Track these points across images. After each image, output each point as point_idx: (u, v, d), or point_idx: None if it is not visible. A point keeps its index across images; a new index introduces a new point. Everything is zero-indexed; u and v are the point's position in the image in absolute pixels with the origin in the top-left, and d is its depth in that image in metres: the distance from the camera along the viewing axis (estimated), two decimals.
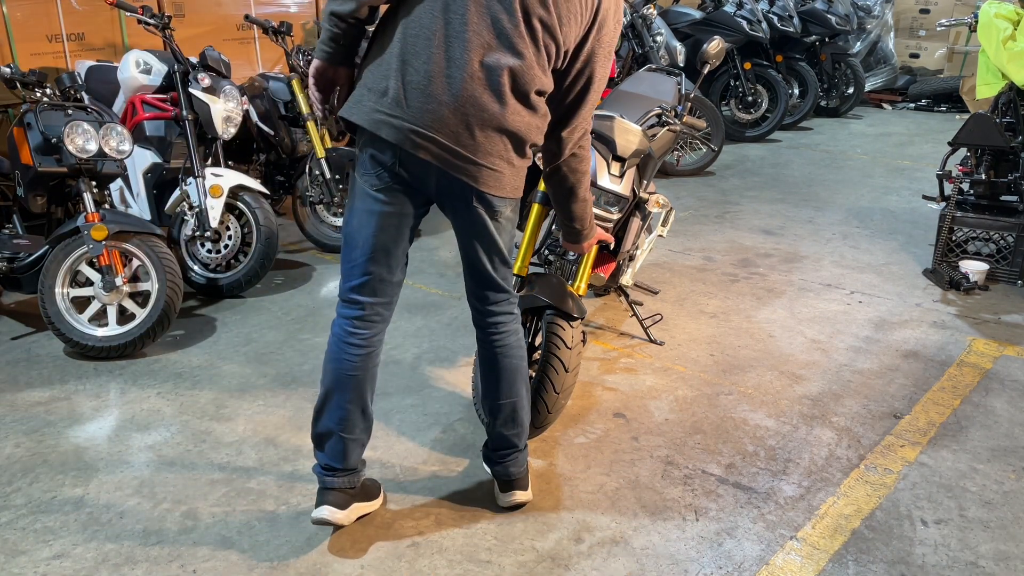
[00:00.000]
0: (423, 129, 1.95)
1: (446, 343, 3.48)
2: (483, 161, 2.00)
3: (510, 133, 2.00)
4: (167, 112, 4.02)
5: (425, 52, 1.93)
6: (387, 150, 2.01)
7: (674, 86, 3.61)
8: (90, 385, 3.14)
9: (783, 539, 2.30)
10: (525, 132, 2.02)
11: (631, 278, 3.42)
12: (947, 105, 8.86)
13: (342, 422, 2.20)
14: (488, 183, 2.04)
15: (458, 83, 1.93)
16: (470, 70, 1.92)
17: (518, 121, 2.00)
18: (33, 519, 2.37)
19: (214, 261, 3.95)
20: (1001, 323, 3.67)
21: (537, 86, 1.99)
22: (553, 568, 2.18)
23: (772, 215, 5.27)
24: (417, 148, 1.97)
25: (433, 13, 1.93)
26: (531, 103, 2.01)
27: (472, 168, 2.00)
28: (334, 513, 2.24)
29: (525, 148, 2.06)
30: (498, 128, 1.99)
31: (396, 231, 2.12)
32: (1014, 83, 4.20)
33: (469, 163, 2.00)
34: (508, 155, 2.04)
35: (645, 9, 6.61)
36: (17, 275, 3.46)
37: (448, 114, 1.94)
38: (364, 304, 2.16)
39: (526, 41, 1.94)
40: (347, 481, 2.26)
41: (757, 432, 2.82)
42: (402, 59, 1.95)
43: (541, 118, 2.06)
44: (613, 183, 2.83)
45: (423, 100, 1.94)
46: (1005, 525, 2.36)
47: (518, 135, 2.02)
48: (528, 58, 1.95)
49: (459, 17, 1.91)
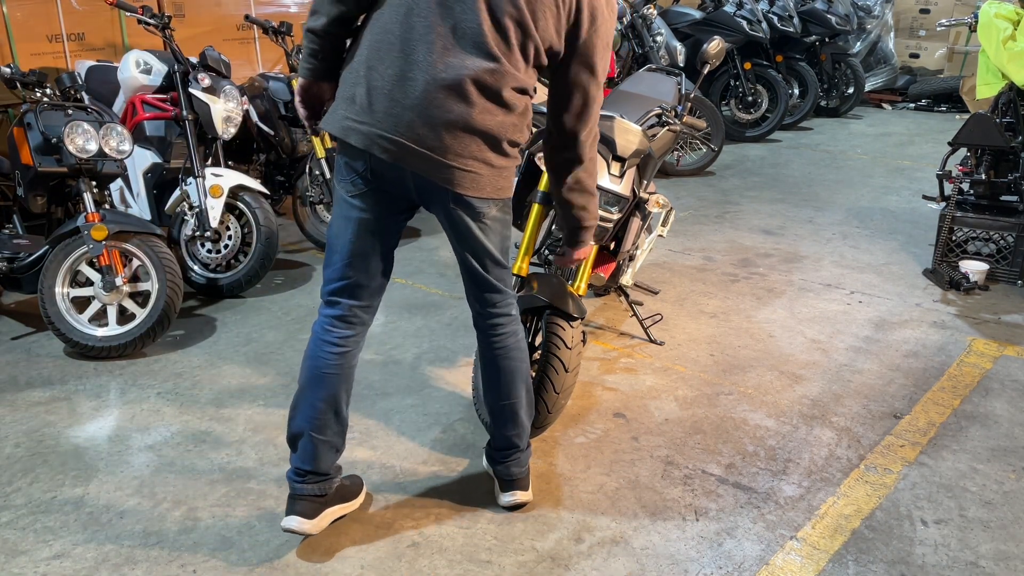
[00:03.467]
0: (389, 134, 1.96)
1: (446, 343, 3.48)
2: (455, 163, 1.99)
3: (481, 133, 1.98)
4: (167, 112, 4.02)
5: (388, 57, 1.94)
6: (358, 157, 2.03)
7: (674, 86, 3.61)
8: (90, 385, 3.14)
9: (783, 539, 2.30)
10: (499, 131, 2.00)
11: (631, 278, 3.42)
12: (947, 105, 8.86)
13: (313, 421, 2.20)
14: (464, 185, 2.02)
15: (420, 85, 1.93)
16: (433, 72, 1.92)
17: (489, 120, 1.98)
18: (33, 519, 2.37)
19: (214, 261, 3.94)
20: (1001, 323, 3.67)
21: (512, 84, 1.98)
22: (553, 568, 2.18)
23: (772, 215, 5.27)
24: (386, 152, 1.97)
25: (397, 18, 1.94)
26: (505, 101, 1.99)
27: (444, 171, 1.99)
28: (302, 523, 2.22)
29: (502, 147, 2.03)
30: (466, 128, 1.96)
31: (374, 237, 2.13)
32: (1014, 83, 4.20)
33: (440, 166, 1.98)
34: (484, 155, 2.01)
35: (645, 9, 6.61)
36: (17, 275, 3.46)
37: (413, 117, 1.94)
38: (342, 305, 2.18)
39: (496, 40, 1.93)
40: (317, 488, 2.24)
41: (757, 432, 2.82)
42: (368, 65, 1.97)
43: (519, 116, 2.04)
44: (613, 183, 2.83)
45: (388, 104, 1.95)
46: (1005, 525, 2.36)
47: (491, 134, 1.99)
48: (499, 57, 1.94)
49: (422, 20, 1.92)
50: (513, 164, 2.11)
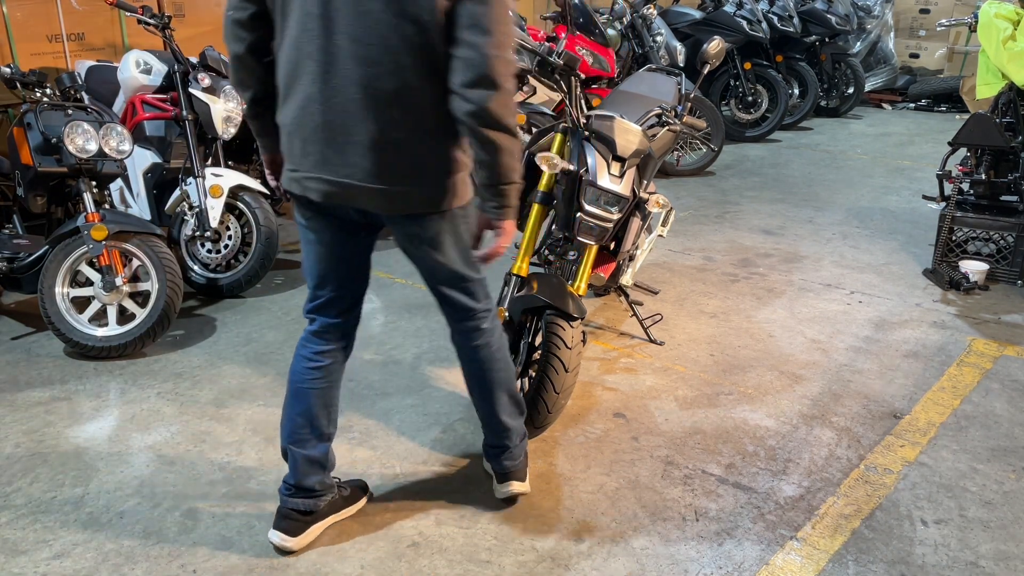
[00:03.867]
0: (310, 172, 1.95)
1: (446, 343, 3.48)
2: (376, 184, 1.91)
3: (391, 145, 1.88)
4: (167, 112, 4.02)
5: (289, 95, 1.93)
6: (299, 197, 2.04)
7: (674, 86, 3.61)
8: (90, 385, 3.14)
9: (783, 539, 2.30)
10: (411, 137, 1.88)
11: (631, 278, 3.42)
12: (947, 105, 8.86)
13: (292, 435, 2.20)
14: (395, 205, 1.94)
15: (318, 116, 1.89)
16: (323, 99, 1.87)
17: (396, 132, 1.87)
18: (33, 519, 2.37)
19: (214, 261, 3.94)
20: (1001, 323, 3.67)
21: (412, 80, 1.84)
22: (553, 568, 2.18)
23: (772, 215, 5.27)
24: (317, 193, 1.96)
25: (288, 54, 1.90)
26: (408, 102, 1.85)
27: (368, 195, 1.93)
28: (284, 540, 2.21)
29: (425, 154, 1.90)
30: (373, 146, 1.88)
31: (338, 259, 2.12)
32: (1014, 83, 4.20)
33: (362, 192, 1.92)
34: (406, 170, 1.91)
35: (645, 9, 6.61)
36: (17, 275, 3.46)
37: (322, 149, 1.91)
38: (318, 321, 2.20)
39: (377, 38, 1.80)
40: (303, 503, 2.22)
41: (757, 432, 2.82)
42: (280, 111, 1.98)
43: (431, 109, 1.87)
44: (613, 183, 2.83)
45: (301, 144, 1.94)
46: (1005, 525, 2.36)
47: (404, 144, 1.88)
48: (383, 62, 1.82)
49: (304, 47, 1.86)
50: (449, 169, 1.95)
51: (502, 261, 4.31)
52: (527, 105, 5.22)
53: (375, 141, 1.88)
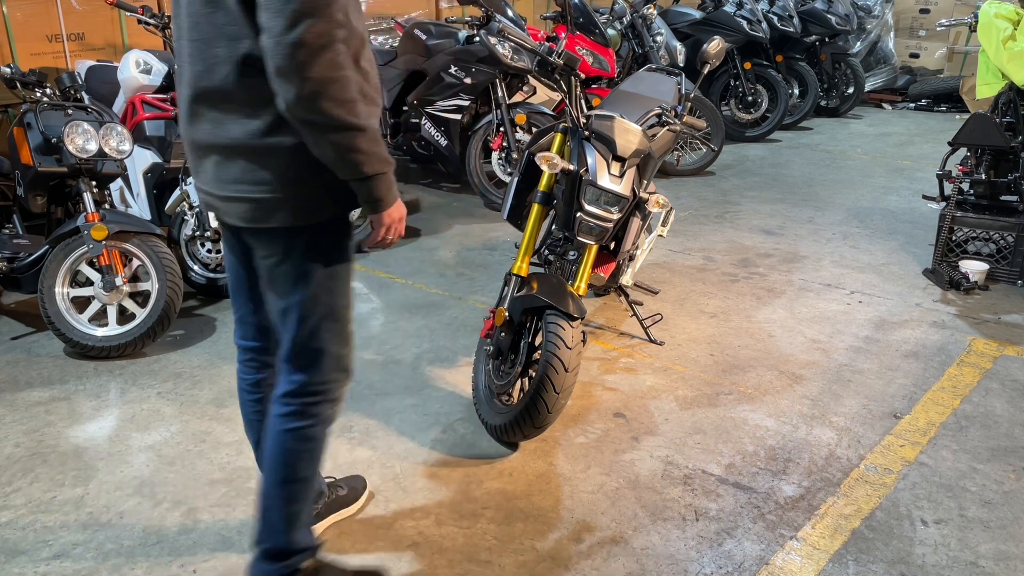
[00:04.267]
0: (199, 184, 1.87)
1: (446, 343, 3.48)
2: (219, 191, 1.78)
3: (227, 149, 1.73)
4: (167, 112, 4.02)
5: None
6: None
7: (674, 86, 3.60)
8: (90, 385, 3.14)
9: (783, 539, 2.30)
10: (246, 138, 1.70)
11: (631, 278, 3.42)
12: (947, 105, 8.85)
13: (258, 461, 2.10)
14: (245, 215, 1.75)
15: (185, 123, 1.82)
16: (186, 107, 1.79)
17: (224, 135, 1.72)
18: (33, 519, 2.37)
19: (214, 261, 3.94)
20: (1001, 323, 3.67)
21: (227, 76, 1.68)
22: (553, 568, 2.18)
23: (772, 215, 5.27)
24: (206, 206, 1.87)
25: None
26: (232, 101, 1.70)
27: (218, 203, 1.80)
28: None
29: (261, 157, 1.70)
30: (210, 150, 1.76)
31: (242, 275, 1.99)
32: (1014, 83, 4.20)
33: (214, 199, 1.81)
34: (237, 176, 1.73)
35: (645, 9, 6.61)
36: (17, 275, 3.46)
37: (192, 154, 1.83)
38: (241, 347, 2.08)
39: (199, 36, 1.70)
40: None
41: (757, 432, 2.82)
42: None
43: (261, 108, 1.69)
44: (613, 183, 2.83)
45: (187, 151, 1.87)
46: (1005, 525, 2.36)
47: (236, 149, 1.71)
48: (204, 58, 1.70)
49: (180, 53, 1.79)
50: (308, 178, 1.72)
51: (502, 261, 4.30)
52: (527, 105, 5.22)
53: (210, 145, 1.75)
